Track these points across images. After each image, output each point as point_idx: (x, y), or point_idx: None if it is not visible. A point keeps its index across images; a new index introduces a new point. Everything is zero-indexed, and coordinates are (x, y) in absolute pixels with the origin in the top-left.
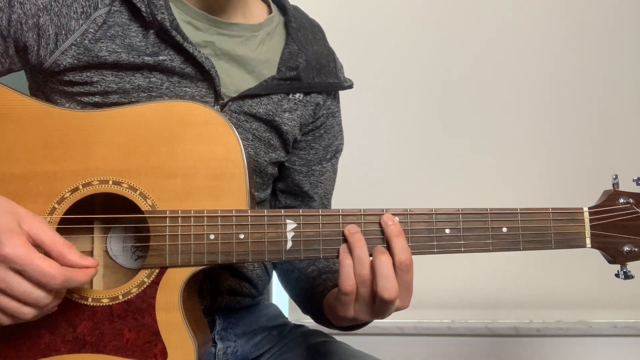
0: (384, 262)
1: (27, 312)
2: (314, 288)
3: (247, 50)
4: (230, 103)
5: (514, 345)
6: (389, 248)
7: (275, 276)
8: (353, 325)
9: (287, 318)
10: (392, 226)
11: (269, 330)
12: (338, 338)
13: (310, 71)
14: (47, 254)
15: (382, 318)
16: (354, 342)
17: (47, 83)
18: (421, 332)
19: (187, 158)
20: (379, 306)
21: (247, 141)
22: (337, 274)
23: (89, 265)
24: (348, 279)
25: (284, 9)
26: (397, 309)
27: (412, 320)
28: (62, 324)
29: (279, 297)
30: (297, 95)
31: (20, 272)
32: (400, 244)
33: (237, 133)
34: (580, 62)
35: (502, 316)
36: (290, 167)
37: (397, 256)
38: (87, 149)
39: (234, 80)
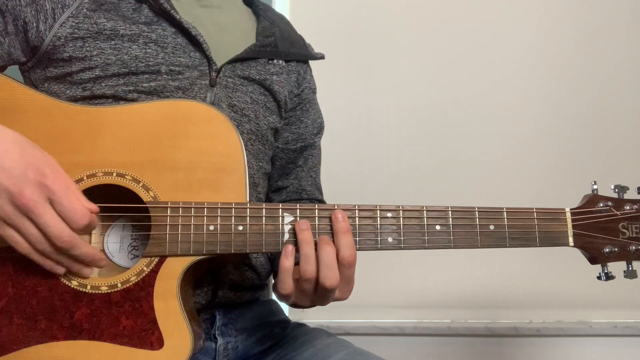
0: (328, 252)
1: (43, 247)
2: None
3: (229, 18)
4: (223, 69)
5: (514, 345)
6: (335, 242)
7: None
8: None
9: (286, 315)
10: (342, 222)
11: (270, 326)
12: (343, 337)
13: (285, 41)
14: None
15: (322, 305)
16: (354, 342)
17: (45, 74)
18: (421, 332)
19: (190, 153)
20: (320, 293)
21: (247, 104)
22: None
23: (92, 210)
24: (284, 284)
25: (248, 2)
26: (337, 299)
27: (412, 320)
28: (59, 310)
29: None
30: (280, 61)
31: (53, 205)
32: (346, 241)
33: (238, 131)
34: (573, 74)
35: (502, 316)
36: (285, 147)
37: (342, 251)
38: (92, 142)
39: (223, 47)
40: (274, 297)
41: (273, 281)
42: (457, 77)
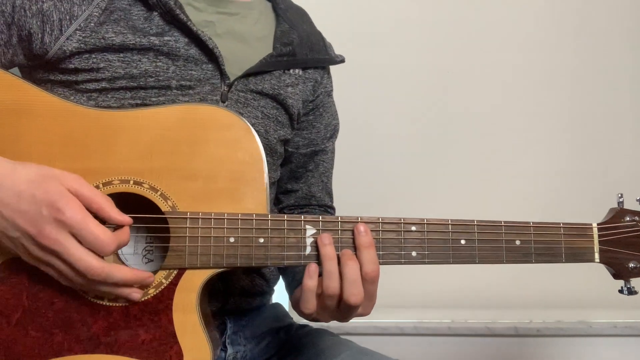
0: (352, 268)
1: (79, 281)
2: (295, 275)
3: (246, 27)
4: (236, 82)
5: (514, 345)
6: (358, 257)
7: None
8: None
9: (291, 317)
10: (364, 236)
11: (276, 332)
12: (343, 337)
13: (304, 47)
14: (87, 207)
15: (344, 321)
16: (355, 341)
17: (49, 77)
18: (421, 332)
19: (209, 161)
20: (343, 310)
21: (257, 119)
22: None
23: (125, 222)
24: (308, 303)
25: None
26: (359, 315)
27: (412, 320)
28: (76, 323)
29: (279, 296)
30: (297, 70)
31: (76, 237)
32: (369, 255)
33: (258, 138)
34: (587, 78)
35: (502, 316)
36: (295, 152)
37: (365, 266)
38: (108, 148)
39: (237, 59)
40: (275, 300)
41: (289, 296)
42: (465, 79)
